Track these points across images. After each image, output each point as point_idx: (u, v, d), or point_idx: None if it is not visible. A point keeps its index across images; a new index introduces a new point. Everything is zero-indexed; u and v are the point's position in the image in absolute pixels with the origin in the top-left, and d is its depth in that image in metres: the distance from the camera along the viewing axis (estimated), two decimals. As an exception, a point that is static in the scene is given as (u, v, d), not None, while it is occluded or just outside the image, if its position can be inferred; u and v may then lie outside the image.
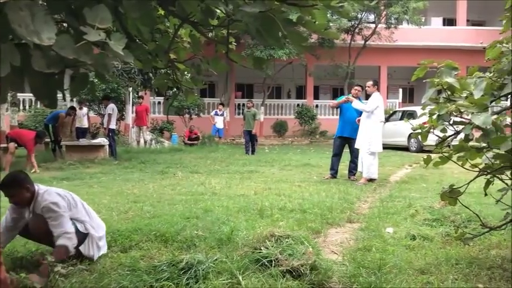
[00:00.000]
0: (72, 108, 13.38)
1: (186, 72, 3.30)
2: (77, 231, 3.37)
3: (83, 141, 12.47)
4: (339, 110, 8.83)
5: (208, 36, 2.30)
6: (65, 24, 1.72)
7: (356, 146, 8.12)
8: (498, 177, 3.20)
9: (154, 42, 2.32)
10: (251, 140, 13.81)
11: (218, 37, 2.41)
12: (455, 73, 2.93)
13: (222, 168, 10.23)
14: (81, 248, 3.37)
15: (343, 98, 8.61)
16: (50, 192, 3.38)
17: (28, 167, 9.64)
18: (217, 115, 18.52)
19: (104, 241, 3.60)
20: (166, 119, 19.40)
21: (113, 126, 12.36)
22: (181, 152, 14.10)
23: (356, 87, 8.55)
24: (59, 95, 1.74)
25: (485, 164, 3.19)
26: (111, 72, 1.41)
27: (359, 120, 8.16)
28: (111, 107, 12.37)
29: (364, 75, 19.93)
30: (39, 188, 3.35)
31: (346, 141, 8.55)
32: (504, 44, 2.75)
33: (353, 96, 8.38)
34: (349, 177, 8.33)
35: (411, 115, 15.58)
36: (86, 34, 1.25)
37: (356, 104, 8.13)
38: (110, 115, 12.23)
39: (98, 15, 1.30)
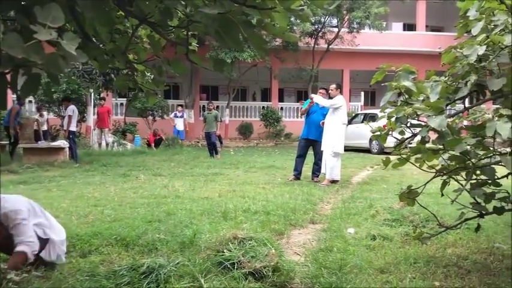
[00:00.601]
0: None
1: (148, 74, 3.25)
2: (40, 237, 3.26)
3: (42, 144, 12.09)
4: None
5: (167, 37, 2.28)
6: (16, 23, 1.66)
7: (322, 147, 8.21)
8: (454, 178, 3.30)
9: (113, 43, 2.27)
10: (213, 142, 13.62)
11: (179, 38, 2.39)
12: (413, 77, 3.01)
13: (186, 170, 10.13)
14: (42, 254, 3.26)
15: (308, 103, 8.69)
16: (7, 199, 3.24)
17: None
18: (177, 117, 18.33)
19: (65, 246, 3.49)
20: (124, 121, 19.03)
21: (73, 128, 12.03)
22: (144, 155, 13.87)
23: (320, 90, 8.71)
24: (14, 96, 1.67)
25: (442, 165, 3.30)
26: (64, 73, 1.37)
27: (323, 123, 8.27)
28: (72, 109, 12.04)
29: (327, 78, 20.29)
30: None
31: (311, 143, 8.64)
32: (458, 49, 2.85)
33: None
34: (312, 179, 8.42)
35: (373, 118, 15.94)
36: (36, 33, 1.20)
37: (316, 98, 8.27)
38: (70, 117, 11.91)
39: (49, 13, 1.26)
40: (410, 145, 3.34)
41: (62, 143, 12.08)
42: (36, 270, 2.65)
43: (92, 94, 15.18)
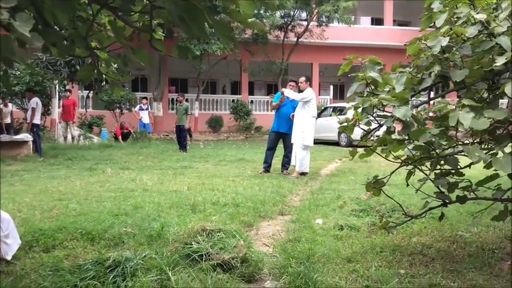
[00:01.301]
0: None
1: (113, 64, 3.17)
2: None
3: (4, 137, 11.67)
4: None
5: (130, 23, 2.22)
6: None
7: (292, 140, 8.26)
8: (419, 168, 3.37)
9: (74, 30, 2.19)
10: (183, 135, 13.46)
11: (143, 25, 2.33)
12: (379, 68, 3.05)
13: (154, 164, 10.01)
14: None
15: (280, 97, 8.68)
16: None
17: None
18: (142, 110, 18.02)
19: (13, 236, 3.34)
20: (86, 114, 18.55)
21: (37, 121, 11.68)
22: (111, 148, 13.60)
23: (290, 83, 8.70)
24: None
25: (407, 155, 3.36)
26: (20, 59, 1.31)
27: (293, 116, 8.32)
28: (35, 101, 11.68)
29: (297, 71, 20.34)
30: None
31: (281, 136, 8.65)
32: (423, 41, 2.90)
33: None
34: (282, 171, 8.46)
35: (341, 111, 16.13)
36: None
37: (287, 92, 8.30)
38: (33, 109, 11.54)
39: (2, -7, 1.20)
40: (376, 136, 3.39)
41: (25, 136, 11.71)
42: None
43: (57, 86, 14.75)
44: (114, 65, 3.21)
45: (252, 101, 23.61)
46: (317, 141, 9.28)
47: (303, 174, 8.05)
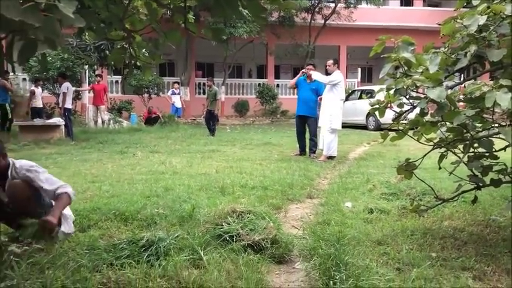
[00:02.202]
0: (6, 72, 12.70)
1: (143, 50, 3.21)
2: (46, 208, 3.29)
3: (38, 121, 12.00)
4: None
5: (164, 4, 2.23)
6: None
7: (319, 124, 8.24)
8: (451, 151, 3.31)
9: (108, 12, 2.22)
10: (212, 120, 13.54)
11: (176, 7, 2.34)
12: (412, 48, 2.99)
13: (182, 147, 10.13)
14: (62, 228, 3.31)
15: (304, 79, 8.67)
16: (25, 162, 3.33)
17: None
18: (174, 94, 18.19)
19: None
20: (114, 99, 18.83)
21: (68, 105, 11.94)
22: (140, 132, 13.82)
23: (308, 66, 8.68)
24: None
25: (440, 138, 3.30)
26: (60, 38, 1.34)
27: (321, 99, 8.27)
28: (66, 86, 11.92)
29: (324, 54, 20.08)
30: (12, 159, 3.27)
31: (303, 119, 8.66)
32: (458, 20, 2.82)
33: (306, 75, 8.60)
34: (309, 155, 8.44)
35: (369, 94, 15.92)
36: (33, -4, 1.17)
37: (315, 74, 8.28)
38: (64, 94, 11.80)
39: (46, -24, 1.22)
40: (407, 119, 3.34)
41: (58, 120, 12.01)
42: (37, 244, 2.66)
43: (87, 71, 15.01)
44: (143, 51, 3.25)
45: (278, 85, 23.49)
46: (344, 125, 9.21)
47: (330, 158, 8.01)
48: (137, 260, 2.87)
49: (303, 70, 8.65)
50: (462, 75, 3.16)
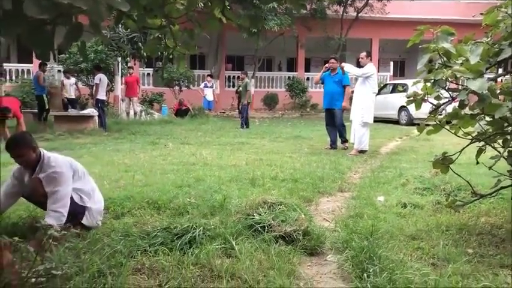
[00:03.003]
0: (43, 64, 13.05)
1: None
2: (76, 203, 3.37)
3: (72, 112, 12.32)
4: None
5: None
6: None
7: (351, 117, 8.18)
8: (491, 145, 3.22)
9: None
10: (242, 112, 13.62)
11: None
12: (451, 39, 2.90)
13: (212, 139, 10.21)
14: (84, 221, 3.38)
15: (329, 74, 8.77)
16: (56, 158, 3.38)
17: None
18: (207, 87, 18.28)
19: (101, 216, 3.61)
20: (146, 91, 19.09)
21: (101, 96, 12.18)
22: (171, 124, 14.00)
23: (331, 60, 8.71)
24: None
25: (478, 132, 3.21)
26: (104, 20, 1.36)
27: (352, 92, 8.19)
28: (98, 77, 12.17)
29: (355, 47, 19.79)
30: (45, 152, 3.33)
31: (330, 112, 8.72)
32: (502, 9, 2.72)
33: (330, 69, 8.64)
34: (342, 143, 8.58)
35: (403, 88, 15.61)
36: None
37: (347, 67, 8.24)
38: (97, 85, 12.04)
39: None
40: (445, 111, 3.25)
41: (91, 111, 12.28)
42: (74, 228, 2.74)
43: (120, 63, 15.26)
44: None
45: (308, 78, 23.29)
46: (376, 120, 9.07)
47: (362, 152, 7.91)
48: (170, 247, 2.92)
49: (326, 65, 8.67)
50: (506, 65, 3.05)
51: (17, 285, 2.20)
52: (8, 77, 18.50)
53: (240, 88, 14.46)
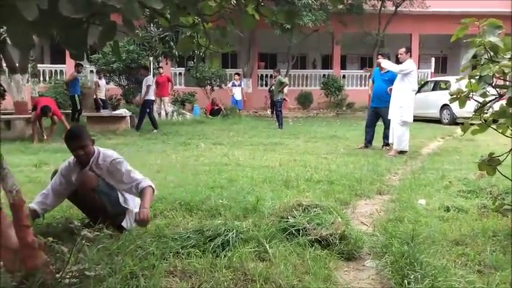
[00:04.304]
0: (79, 65, 13.44)
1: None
2: (120, 204, 3.48)
3: (105, 112, 12.63)
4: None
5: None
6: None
7: (389, 116, 8.07)
8: (542, 146, 3.10)
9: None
10: (278, 110, 13.57)
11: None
12: (499, 32, 2.81)
13: (245, 140, 10.28)
14: (123, 223, 3.46)
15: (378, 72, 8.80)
16: (111, 152, 3.53)
17: (49, 137, 9.93)
18: (235, 86, 18.34)
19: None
20: (177, 91, 19.28)
21: (151, 97, 12.43)
22: (203, 124, 14.17)
23: (379, 56, 8.72)
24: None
25: (528, 131, 3.09)
26: (138, 18, 1.39)
27: (391, 90, 8.06)
28: (150, 79, 12.46)
29: (394, 43, 19.45)
30: (99, 148, 3.48)
31: (376, 111, 8.67)
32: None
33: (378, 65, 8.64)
34: (382, 147, 8.48)
35: (445, 85, 15.20)
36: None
37: (385, 63, 8.18)
38: (149, 87, 12.29)
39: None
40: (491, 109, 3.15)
41: (124, 111, 12.57)
42: (107, 229, 2.80)
43: (152, 63, 15.54)
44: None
45: (344, 76, 23.08)
46: (416, 119, 8.91)
47: (401, 152, 7.76)
48: (203, 249, 2.94)
49: (378, 60, 8.62)
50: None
51: (51, 286, 2.27)
52: (41, 78, 19.13)
53: (273, 87, 14.47)
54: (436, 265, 2.65)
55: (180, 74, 21.69)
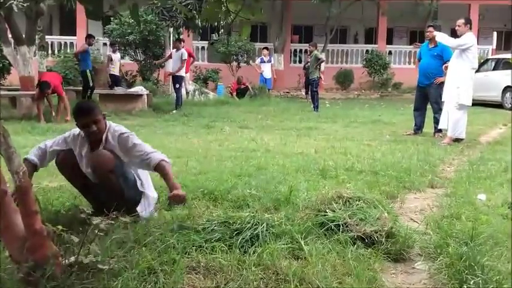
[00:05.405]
0: (90, 36, 13.57)
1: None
2: (137, 188, 3.57)
3: (119, 90, 12.76)
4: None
5: None
6: None
7: (443, 97, 7.90)
8: None
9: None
10: (312, 91, 13.48)
11: None
12: None
13: (275, 123, 10.31)
14: (138, 208, 3.52)
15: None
16: (119, 126, 3.62)
17: (58, 116, 10.11)
18: (264, 62, 18.17)
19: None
20: (199, 67, 19.32)
21: (183, 73, 12.57)
22: (228, 105, 14.24)
23: (429, 29, 8.63)
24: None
25: None
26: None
27: (446, 67, 7.88)
28: (184, 53, 12.56)
29: (449, 15, 18.93)
30: (110, 123, 3.57)
31: (423, 91, 8.68)
32: None
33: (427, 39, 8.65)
34: (433, 134, 8.38)
35: (508, 64, 14.77)
36: None
37: (440, 36, 8.13)
38: (184, 61, 12.39)
39: None
40: None
41: (140, 89, 12.68)
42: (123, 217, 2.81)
43: (171, 35, 15.58)
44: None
45: (390, 52, 22.74)
46: (474, 102, 8.67)
47: (457, 140, 7.61)
48: (229, 244, 2.93)
49: (432, 33, 8.44)
50: None
51: (61, 279, 2.30)
52: (49, 51, 19.43)
53: (308, 64, 14.34)
54: (500, 269, 2.58)
55: (202, 48, 21.73)
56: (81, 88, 13.44)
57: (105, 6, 2.07)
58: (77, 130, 3.56)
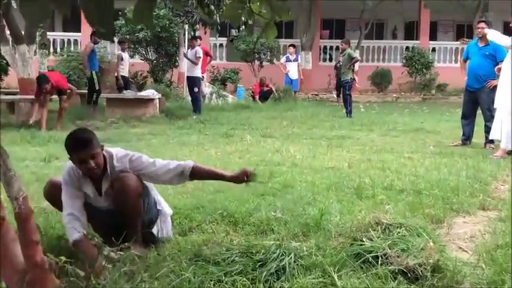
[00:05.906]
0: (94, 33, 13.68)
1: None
2: (155, 206, 3.61)
3: (129, 94, 12.85)
4: None
5: None
6: None
7: (495, 104, 7.80)
8: None
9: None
10: (345, 94, 13.45)
11: None
12: None
13: (302, 131, 10.29)
14: (154, 230, 3.56)
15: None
16: (119, 149, 3.56)
17: (58, 123, 10.19)
18: (290, 61, 18.17)
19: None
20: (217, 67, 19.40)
21: (199, 74, 12.70)
22: (249, 110, 14.26)
23: (479, 25, 8.59)
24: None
25: None
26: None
27: (499, 69, 7.79)
28: (199, 50, 12.69)
29: (502, 7, 18.75)
30: (106, 149, 3.45)
31: (473, 95, 8.63)
32: None
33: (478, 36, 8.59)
34: (484, 146, 8.28)
35: None
36: None
37: (492, 34, 8.08)
38: (198, 59, 12.51)
39: None
40: None
41: (152, 93, 12.76)
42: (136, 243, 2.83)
43: (186, 32, 15.66)
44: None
45: (433, 49, 22.58)
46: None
47: (511, 153, 7.48)
48: (252, 278, 2.92)
49: (483, 30, 8.39)
50: None
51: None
52: (51, 49, 19.64)
53: (340, 63, 14.33)
54: None
55: (220, 45, 21.83)
56: (85, 91, 13.48)
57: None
58: (69, 164, 3.36)
